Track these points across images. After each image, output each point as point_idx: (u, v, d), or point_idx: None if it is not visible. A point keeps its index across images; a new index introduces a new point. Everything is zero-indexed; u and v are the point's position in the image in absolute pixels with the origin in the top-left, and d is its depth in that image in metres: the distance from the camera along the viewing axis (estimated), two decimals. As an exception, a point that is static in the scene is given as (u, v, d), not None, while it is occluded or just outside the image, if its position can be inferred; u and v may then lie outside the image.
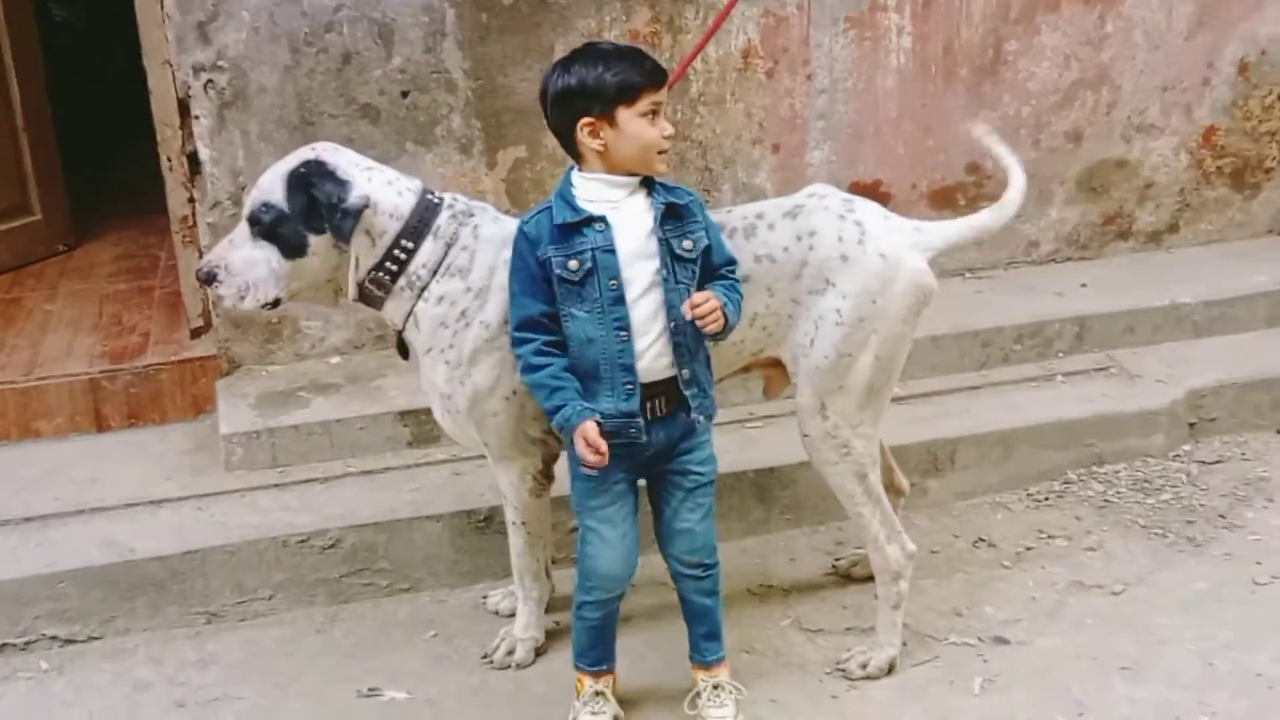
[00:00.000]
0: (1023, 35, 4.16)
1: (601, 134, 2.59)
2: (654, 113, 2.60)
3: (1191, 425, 3.93)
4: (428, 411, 3.55)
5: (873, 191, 4.19)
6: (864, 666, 3.05)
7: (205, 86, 3.67)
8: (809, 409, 2.90)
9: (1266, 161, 4.50)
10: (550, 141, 3.87)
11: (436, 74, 3.75)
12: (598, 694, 2.85)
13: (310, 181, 2.76)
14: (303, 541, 3.33)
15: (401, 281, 2.84)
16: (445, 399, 2.89)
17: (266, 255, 2.80)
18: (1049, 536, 3.57)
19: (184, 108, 3.72)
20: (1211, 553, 3.46)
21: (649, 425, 2.66)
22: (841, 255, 2.81)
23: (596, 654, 2.85)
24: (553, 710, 2.92)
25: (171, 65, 3.68)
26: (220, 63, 3.66)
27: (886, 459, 3.24)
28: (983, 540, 3.57)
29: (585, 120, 2.58)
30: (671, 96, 3.91)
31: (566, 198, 2.64)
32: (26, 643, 3.18)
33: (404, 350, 2.99)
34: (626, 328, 2.61)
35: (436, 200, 2.88)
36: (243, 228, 2.83)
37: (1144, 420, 3.86)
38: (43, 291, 4.45)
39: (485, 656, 3.14)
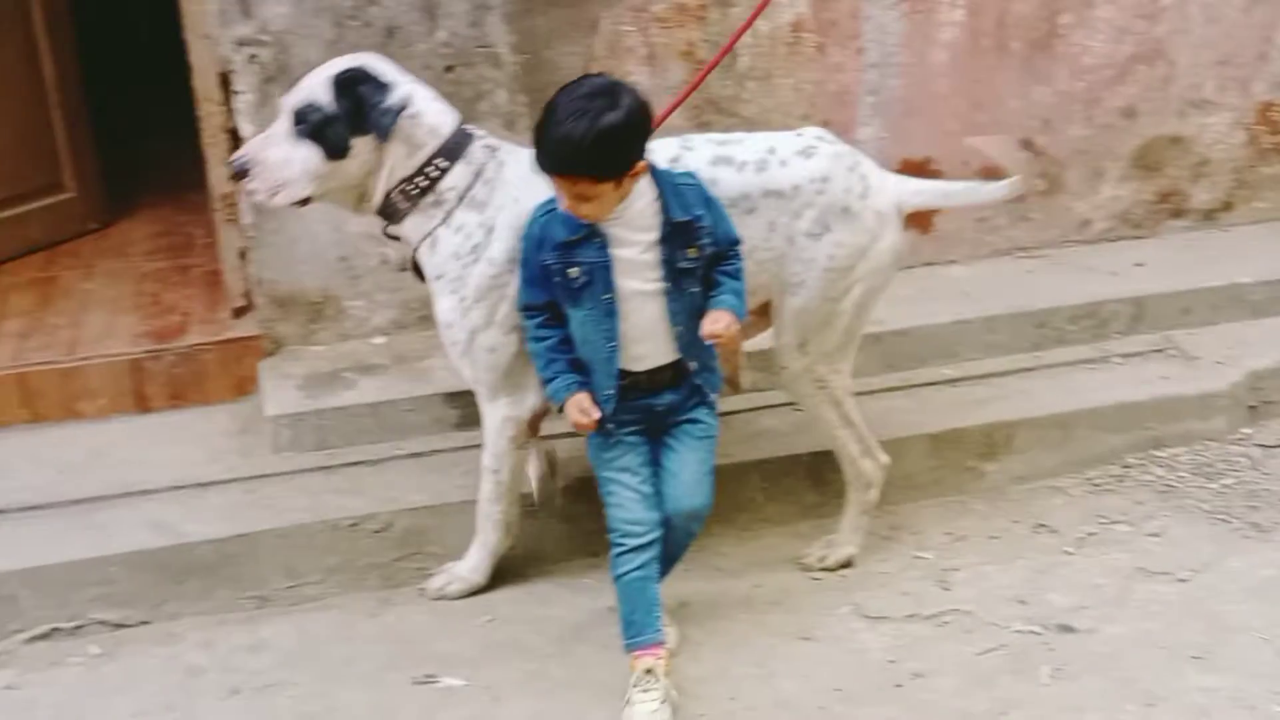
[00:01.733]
0: (1077, 8, 4.06)
1: None
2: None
3: (1251, 408, 3.85)
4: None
5: (923, 169, 4.09)
6: (821, 560, 3.31)
7: (248, 61, 3.59)
8: (789, 346, 3.06)
9: (1322, 139, 4.41)
10: (597, 117, 3.83)
11: (481, 48, 3.67)
12: (647, 672, 2.83)
13: (356, 84, 2.83)
14: (354, 525, 3.27)
15: (430, 198, 2.91)
16: (447, 328, 2.97)
17: (305, 154, 2.86)
18: (1110, 522, 3.51)
19: (225, 82, 3.64)
20: (1277, 539, 3.39)
21: (657, 391, 2.81)
22: (845, 207, 2.96)
23: (638, 622, 2.84)
24: (613, 697, 2.86)
25: (212, 39, 3.60)
26: (262, 36, 3.58)
27: (866, 441, 3.26)
28: (1043, 526, 3.51)
29: None
30: (719, 72, 3.88)
31: None
32: (76, 627, 3.14)
33: (419, 272, 3.04)
34: (615, 339, 2.74)
35: (470, 131, 2.97)
36: (282, 126, 2.88)
37: (1204, 403, 3.78)
38: (79, 270, 4.37)
39: (420, 589, 3.26)
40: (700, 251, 2.72)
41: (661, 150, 2.92)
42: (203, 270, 4.28)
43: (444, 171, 2.90)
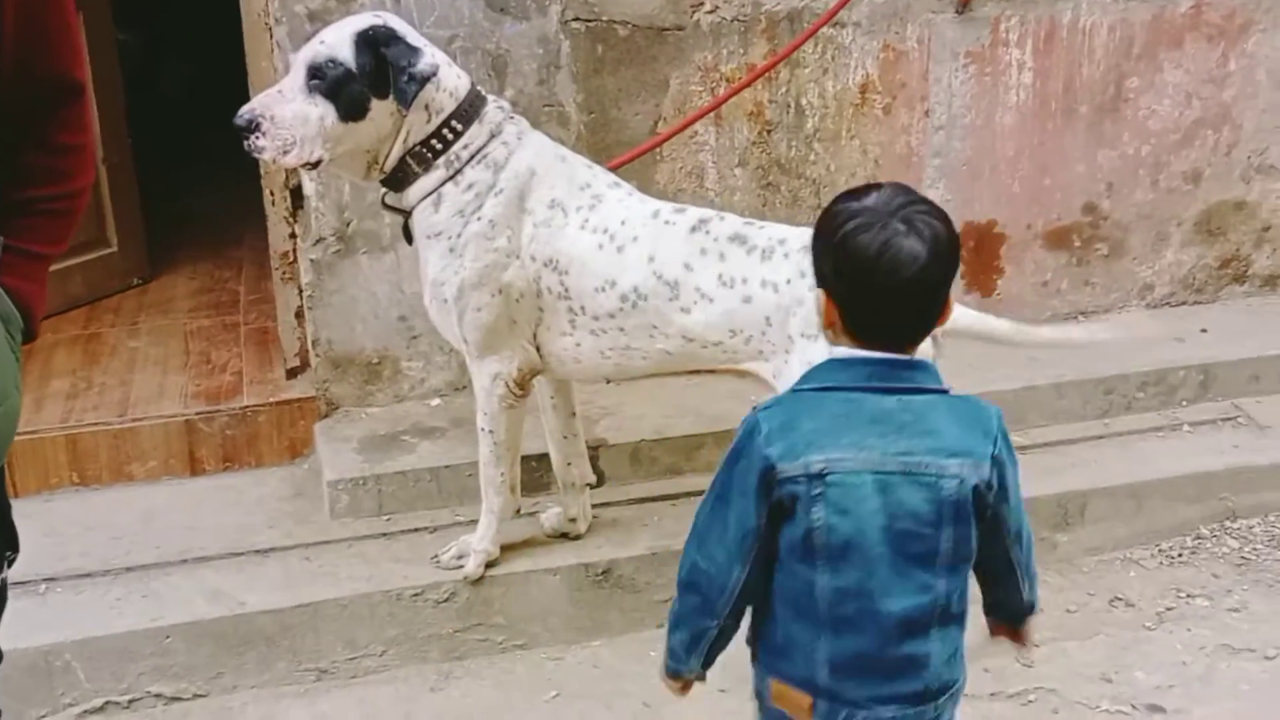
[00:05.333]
0: (1145, 72, 4.03)
1: None
2: None
3: (1323, 478, 3.77)
4: (538, 458, 3.44)
5: (988, 232, 4.06)
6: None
7: (311, 118, 3.53)
8: None
9: (1385, 205, 4.36)
10: (662, 177, 3.79)
11: (549, 106, 3.62)
12: None
13: (380, 43, 2.74)
14: (416, 595, 3.17)
15: (440, 160, 2.86)
16: (437, 285, 2.94)
17: (321, 112, 2.75)
18: (1188, 596, 3.41)
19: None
20: (1362, 615, 3.30)
21: None
22: None
23: None
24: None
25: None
26: (326, 94, 3.53)
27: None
28: (1120, 599, 3.41)
29: None
30: (786, 133, 3.84)
31: None
32: (131, 701, 3.03)
33: (410, 234, 3.00)
34: None
35: (483, 94, 2.93)
36: (295, 80, 2.77)
37: (1278, 473, 3.70)
38: (123, 326, 4.30)
39: (434, 557, 3.22)
40: None
41: (690, 214, 2.86)
42: (251, 329, 4.20)
43: (458, 135, 2.86)
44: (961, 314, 2.68)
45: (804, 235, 2.74)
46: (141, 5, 6.09)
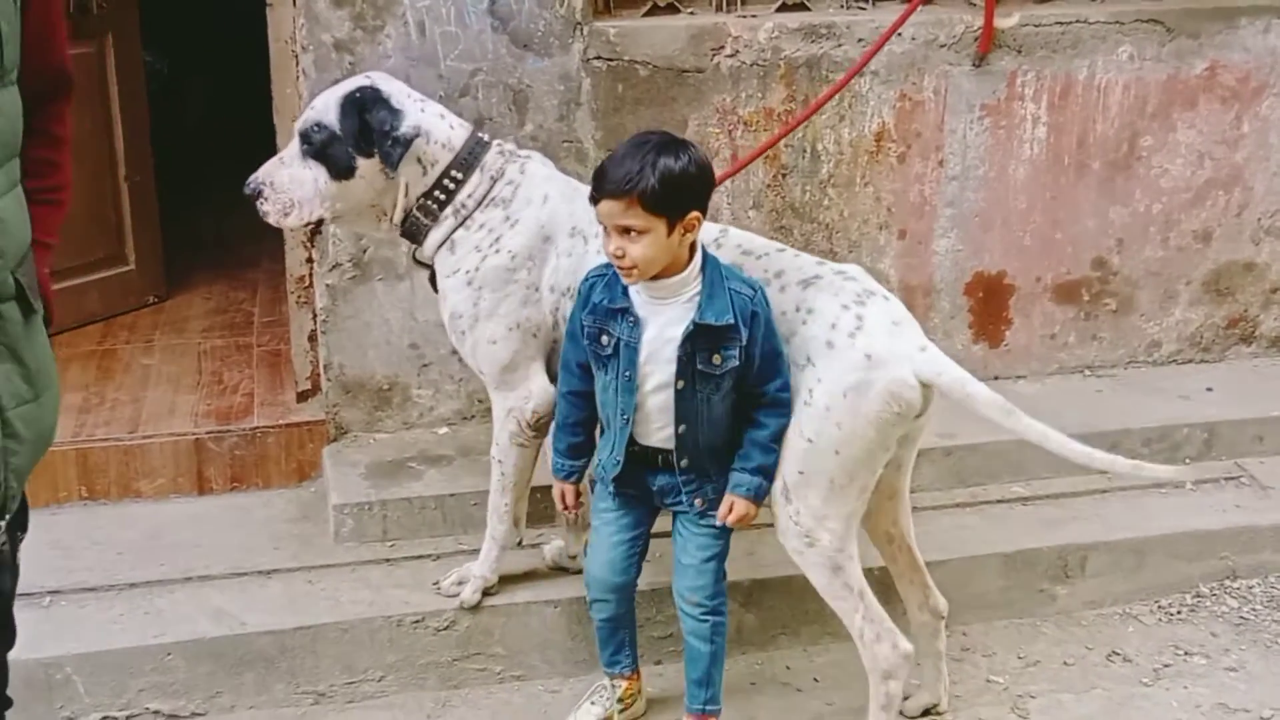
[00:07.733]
0: (1158, 131, 4.06)
1: None
2: (607, 227, 2.59)
3: (1324, 542, 3.78)
4: (542, 490, 3.45)
5: (997, 283, 4.09)
6: None
7: (332, 146, 3.58)
8: (777, 490, 2.77)
9: (1394, 272, 4.38)
10: (677, 216, 3.81)
11: (568, 143, 3.66)
12: (602, 687, 3.03)
13: (364, 106, 2.84)
14: (417, 622, 3.19)
15: (448, 210, 2.95)
16: (456, 317, 3.00)
17: (314, 175, 2.89)
18: (1186, 654, 3.42)
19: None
20: (1359, 680, 3.30)
21: (655, 469, 2.78)
22: (828, 341, 2.67)
23: (607, 655, 3.01)
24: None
25: (300, 122, 3.59)
26: (349, 122, 3.57)
27: (922, 575, 3.04)
28: (1117, 654, 3.42)
29: None
30: (801, 177, 3.87)
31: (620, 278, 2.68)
32: (129, 716, 3.06)
33: (435, 282, 3.06)
34: (629, 414, 2.70)
35: (486, 139, 3.01)
36: (293, 146, 2.90)
37: (1279, 534, 3.70)
38: (137, 344, 4.34)
39: (435, 583, 3.27)
40: (724, 362, 2.64)
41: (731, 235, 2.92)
42: (264, 350, 4.24)
43: (459, 183, 2.94)
44: (944, 366, 2.71)
45: (806, 267, 2.82)
46: (168, 29, 6.16)
